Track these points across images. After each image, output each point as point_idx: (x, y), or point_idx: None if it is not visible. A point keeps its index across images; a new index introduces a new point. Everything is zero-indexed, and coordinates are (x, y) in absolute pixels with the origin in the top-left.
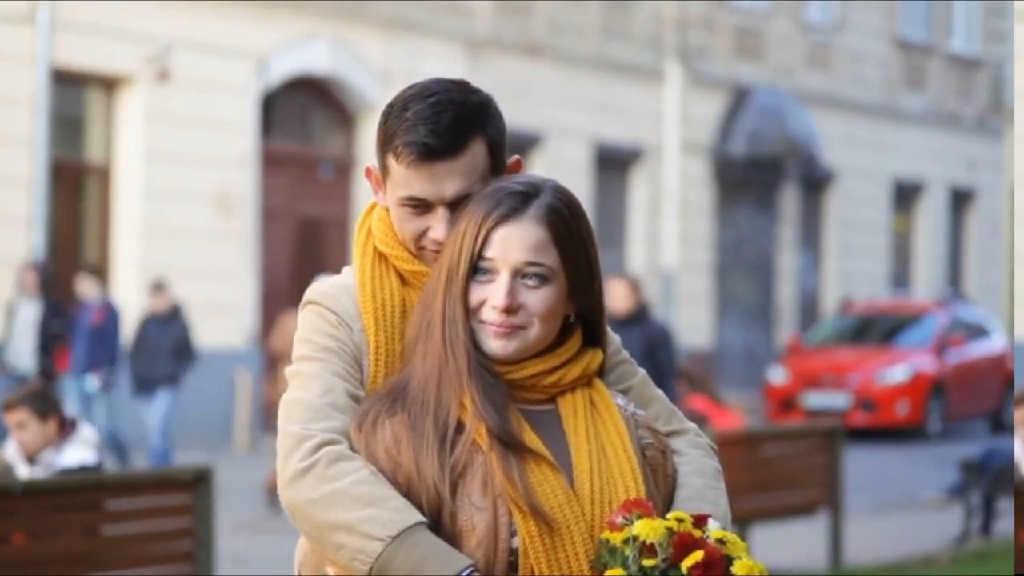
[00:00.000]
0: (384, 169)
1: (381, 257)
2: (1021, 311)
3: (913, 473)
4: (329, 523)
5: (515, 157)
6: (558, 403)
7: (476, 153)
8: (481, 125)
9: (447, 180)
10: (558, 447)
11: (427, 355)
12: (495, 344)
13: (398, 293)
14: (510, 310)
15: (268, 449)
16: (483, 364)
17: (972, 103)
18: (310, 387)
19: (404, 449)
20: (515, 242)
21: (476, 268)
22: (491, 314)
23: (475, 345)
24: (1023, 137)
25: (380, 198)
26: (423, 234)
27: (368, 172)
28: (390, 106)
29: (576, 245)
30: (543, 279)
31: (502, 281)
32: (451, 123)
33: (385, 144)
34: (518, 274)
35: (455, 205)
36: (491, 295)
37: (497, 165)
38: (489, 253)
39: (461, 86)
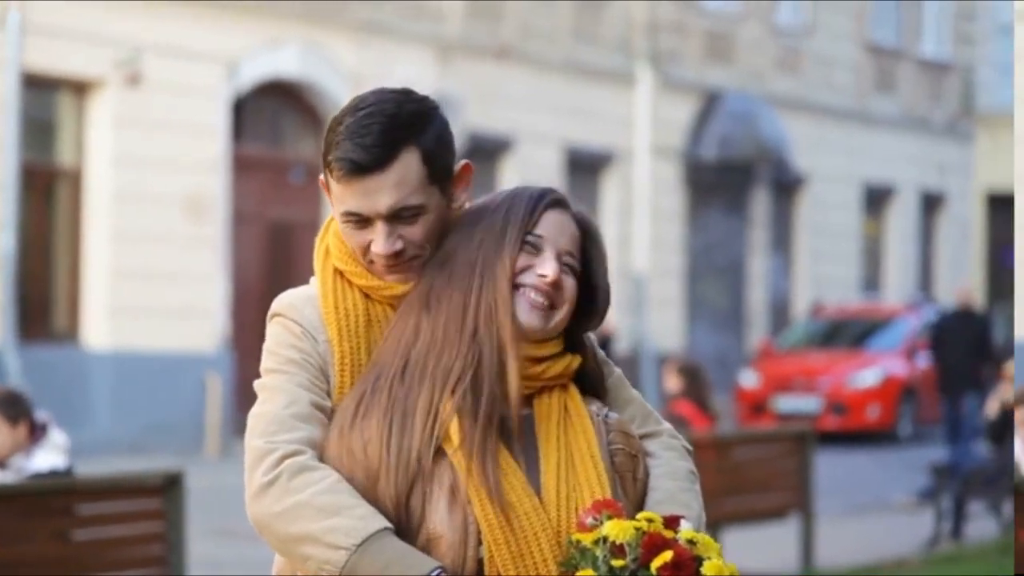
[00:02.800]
0: (327, 183)
1: (340, 273)
2: (1021, 311)
3: (884, 476)
4: (294, 536)
5: (463, 162)
6: (534, 407)
7: (408, 163)
8: (413, 134)
9: (378, 194)
10: (528, 453)
11: (422, 329)
12: (530, 315)
13: (361, 303)
14: (557, 284)
15: (240, 453)
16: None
17: (942, 107)
18: (274, 399)
19: (394, 432)
20: (564, 228)
21: (525, 239)
22: (534, 280)
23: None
24: (1023, 138)
25: (334, 211)
26: (367, 247)
27: (322, 183)
28: (332, 119)
29: (597, 259)
30: (573, 270)
31: (550, 256)
32: (378, 136)
33: (324, 159)
34: (560, 257)
35: (394, 218)
36: (539, 265)
37: (436, 173)
38: (539, 230)
39: (400, 95)
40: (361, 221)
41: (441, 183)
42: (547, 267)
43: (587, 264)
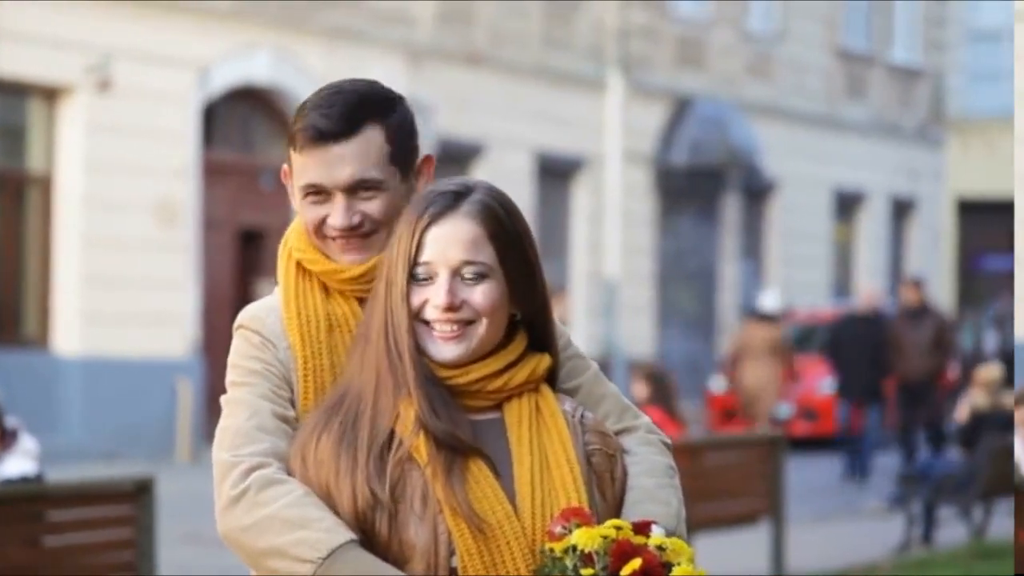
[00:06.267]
0: (290, 165)
1: (302, 272)
2: (1021, 311)
3: (854, 482)
4: (262, 549)
5: (425, 154)
6: (504, 410)
7: (371, 138)
8: (379, 112)
9: (339, 164)
10: (501, 458)
11: (364, 365)
12: (442, 348)
13: (322, 307)
14: (452, 308)
15: (210, 459)
16: (428, 369)
17: (913, 113)
18: (237, 412)
19: (342, 464)
20: (450, 240)
21: (414, 273)
22: (434, 313)
23: (419, 350)
24: (1023, 138)
25: (294, 200)
26: (323, 222)
27: (284, 173)
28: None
29: (511, 241)
30: (481, 275)
31: (441, 281)
32: (343, 107)
33: (289, 140)
34: (456, 273)
35: (353, 192)
36: (432, 295)
37: (398, 155)
38: (425, 256)
39: (369, 83)
40: (320, 194)
41: (403, 167)
42: (439, 295)
43: (499, 248)
